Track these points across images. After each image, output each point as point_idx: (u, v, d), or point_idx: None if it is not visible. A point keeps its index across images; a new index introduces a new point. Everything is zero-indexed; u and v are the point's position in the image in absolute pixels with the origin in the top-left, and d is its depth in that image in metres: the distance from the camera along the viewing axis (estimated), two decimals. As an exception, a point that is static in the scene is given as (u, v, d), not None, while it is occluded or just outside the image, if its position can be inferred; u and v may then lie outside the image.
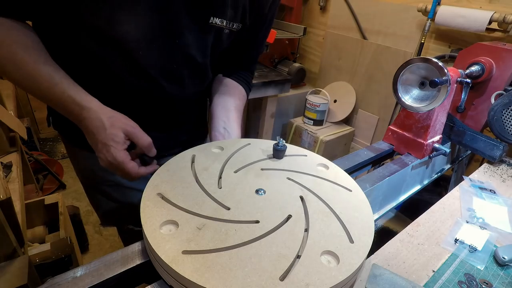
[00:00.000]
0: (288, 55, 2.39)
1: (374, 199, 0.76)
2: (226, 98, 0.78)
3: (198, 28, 0.64)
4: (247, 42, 0.78)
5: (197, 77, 0.72)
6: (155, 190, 0.51)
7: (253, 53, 0.85)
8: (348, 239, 0.46)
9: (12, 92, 1.54)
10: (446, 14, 1.45)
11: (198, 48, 0.66)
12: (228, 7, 0.65)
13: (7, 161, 0.93)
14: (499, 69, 0.92)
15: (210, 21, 0.64)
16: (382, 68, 1.89)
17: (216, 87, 0.81)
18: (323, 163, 0.65)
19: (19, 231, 0.53)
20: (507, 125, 0.88)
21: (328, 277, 0.39)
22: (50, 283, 0.42)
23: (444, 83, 0.71)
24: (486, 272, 0.55)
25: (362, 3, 1.91)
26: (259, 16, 0.73)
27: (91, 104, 0.55)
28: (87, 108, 0.54)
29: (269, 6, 0.73)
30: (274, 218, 0.48)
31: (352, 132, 2.13)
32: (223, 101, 0.77)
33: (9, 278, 0.44)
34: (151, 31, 0.59)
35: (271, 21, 0.78)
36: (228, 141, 0.70)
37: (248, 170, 0.60)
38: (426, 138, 0.84)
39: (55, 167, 2.01)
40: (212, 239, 0.43)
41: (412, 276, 0.53)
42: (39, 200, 1.22)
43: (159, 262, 0.41)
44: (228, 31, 0.68)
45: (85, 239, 1.61)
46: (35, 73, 0.52)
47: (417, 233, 0.64)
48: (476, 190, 0.79)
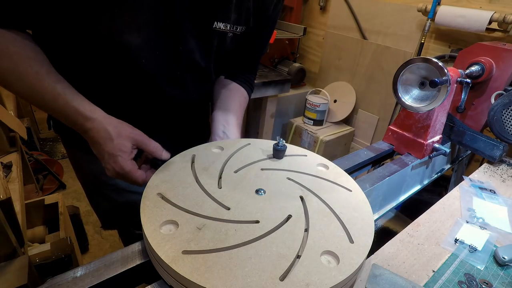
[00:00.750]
0: (288, 55, 2.39)
1: (374, 199, 0.76)
2: (227, 102, 0.78)
3: (202, 34, 0.63)
4: (250, 44, 0.77)
5: (201, 81, 0.72)
6: (155, 190, 0.51)
7: (256, 54, 0.84)
8: (348, 239, 0.46)
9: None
10: (446, 14, 1.45)
11: (202, 53, 0.66)
12: (232, 11, 0.64)
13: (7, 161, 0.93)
14: (499, 69, 0.92)
15: (213, 26, 0.63)
16: (382, 68, 1.89)
17: (217, 90, 0.81)
18: (323, 163, 0.65)
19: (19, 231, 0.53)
20: (507, 125, 0.88)
21: (328, 277, 0.39)
22: (50, 283, 0.42)
23: (444, 83, 0.71)
24: (486, 272, 0.55)
25: (362, 3, 1.91)
26: (263, 18, 0.72)
27: (95, 115, 0.54)
28: (91, 119, 0.54)
29: (273, 7, 0.72)
30: (274, 218, 0.48)
31: (352, 132, 2.13)
32: (223, 105, 0.77)
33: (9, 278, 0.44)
34: (154, 38, 0.58)
35: (274, 22, 0.78)
36: (228, 141, 0.70)
37: (248, 170, 0.60)
38: (426, 138, 0.84)
39: (55, 167, 2.01)
40: (212, 239, 0.43)
41: (412, 276, 0.53)
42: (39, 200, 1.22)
43: (159, 262, 0.41)
44: (231, 34, 0.68)
45: (85, 239, 1.61)
46: (37, 84, 0.52)
47: (417, 233, 0.64)
48: (476, 190, 0.79)
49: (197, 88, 0.72)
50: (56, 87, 0.53)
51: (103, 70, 0.60)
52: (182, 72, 0.66)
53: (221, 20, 0.64)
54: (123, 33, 0.55)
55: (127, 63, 0.59)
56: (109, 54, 0.57)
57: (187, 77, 0.68)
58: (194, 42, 0.63)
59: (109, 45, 0.55)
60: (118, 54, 0.57)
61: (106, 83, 0.62)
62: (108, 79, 0.61)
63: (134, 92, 0.64)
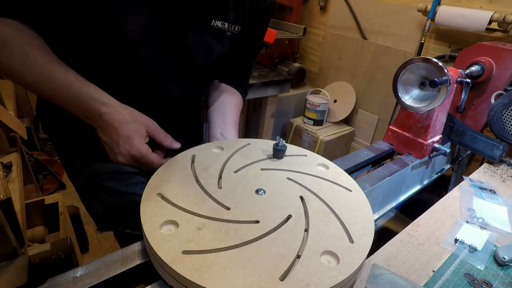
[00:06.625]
0: (288, 55, 2.39)
1: (374, 199, 0.76)
2: (223, 104, 0.79)
3: (200, 30, 0.64)
4: (244, 44, 0.78)
5: (199, 79, 0.72)
6: (155, 190, 0.51)
7: (250, 55, 0.85)
8: (348, 239, 0.46)
9: (12, 92, 1.54)
10: (446, 14, 1.45)
11: (200, 50, 0.66)
12: (230, 10, 0.65)
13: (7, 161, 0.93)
14: (499, 69, 0.92)
15: (211, 24, 0.64)
16: (382, 68, 1.89)
17: (212, 92, 0.82)
18: (323, 163, 0.65)
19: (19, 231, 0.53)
20: (507, 125, 0.88)
21: (328, 277, 0.39)
22: (50, 283, 0.42)
23: (444, 83, 0.71)
24: (486, 272, 0.55)
25: (362, 3, 1.91)
26: (257, 18, 0.73)
27: (110, 101, 0.55)
28: (107, 104, 0.54)
29: (266, 7, 0.74)
30: (274, 218, 0.48)
31: (352, 132, 2.13)
32: (219, 107, 0.78)
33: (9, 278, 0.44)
34: (153, 30, 0.59)
35: (267, 23, 0.79)
36: (228, 141, 0.70)
37: (248, 170, 0.60)
38: (426, 138, 0.84)
39: (55, 167, 2.01)
40: (212, 239, 0.43)
41: (412, 276, 0.53)
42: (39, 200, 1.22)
43: (159, 262, 0.41)
44: (230, 33, 0.69)
45: (85, 239, 1.61)
46: (49, 73, 0.52)
47: (417, 233, 0.64)
48: (476, 190, 0.79)
49: (194, 86, 0.73)
50: (68, 75, 0.53)
51: (103, 62, 0.60)
52: (181, 68, 0.66)
53: (219, 18, 0.65)
54: (126, 24, 0.55)
55: (128, 55, 0.59)
56: (110, 46, 0.58)
57: (186, 73, 0.68)
58: (193, 38, 0.64)
59: (110, 36, 0.56)
60: (119, 46, 0.58)
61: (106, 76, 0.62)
62: (108, 72, 0.61)
63: (134, 87, 0.65)
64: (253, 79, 1.74)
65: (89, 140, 0.63)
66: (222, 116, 0.76)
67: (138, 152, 0.54)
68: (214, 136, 0.74)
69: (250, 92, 1.71)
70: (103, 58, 0.60)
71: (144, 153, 0.55)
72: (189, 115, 0.84)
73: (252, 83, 1.69)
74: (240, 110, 0.84)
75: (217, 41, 0.68)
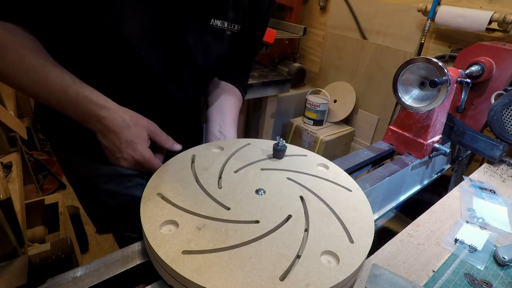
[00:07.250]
0: (288, 55, 2.39)
1: (374, 199, 0.76)
2: (222, 102, 0.78)
3: (199, 30, 0.64)
4: (244, 43, 0.78)
5: (199, 80, 0.72)
6: (155, 190, 0.51)
7: (249, 54, 0.85)
8: (348, 239, 0.46)
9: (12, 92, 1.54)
10: (446, 14, 1.45)
11: (199, 50, 0.66)
12: (229, 9, 0.65)
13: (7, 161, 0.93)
14: (499, 69, 0.92)
15: (210, 23, 0.64)
16: (382, 68, 1.89)
17: (212, 91, 0.82)
18: (323, 163, 0.65)
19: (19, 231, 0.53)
20: (507, 125, 0.88)
21: (328, 277, 0.39)
22: (50, 283, 0.42)
23: (444, 83, 0.71)
24: (486, 272, 0.55)
25: (362, 3, 1.91)
26: (257, 17, 0.73)
27: (108, 104, 0.54)
28: (106, 107, 0.53)
29: (266, 6, 0.73)
30: (274, 218, 0.48)
31: (352, 132, 2.13)
32: (218, 105, 0.78)
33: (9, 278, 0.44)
34: (153, 29, 0.59)
35: (266, 23, 0.79)
36: (228, 141, 0.70)
37: (248, 170, 0.60)
38: (426, 138, 0.84)
39: (55, 167, 2.01)
40: (212, 239, 0.43)
41: (412, 276, 0.53)
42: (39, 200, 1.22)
43: (159, 262, 0.41)
44: (230, 33, 0.68)
45: (85, 239, 1.61)
46: (45, 76, 0.51)
47: (417, 233, 0.64)
48: (476, 190, 0.79)
49: (194, 86, 0.72)
50: (65, 78, 0.52)
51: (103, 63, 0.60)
52: (180, 68, 0.66)
53: (218, 17, 0.64)
54: (125, 24, 0.55)
55: (127, 56, 0.59)
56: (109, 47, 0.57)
57: (185, 73, 0.68)
58: (192, 38, 0.63)
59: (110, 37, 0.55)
60: (118, 46, 0.57)
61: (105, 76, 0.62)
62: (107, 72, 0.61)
63: (133, 87, 0.64)
64: (253, 79, 1.74)
65: (87, 142, 0.62)
66: (221, 114, 0.76)
67: (141, 157, 0.54)
68: (212, 134, 0.73)
69: (250, 92, 1.70)
70: (102, 59, 0.59)
71: (147, 157, 0.55)
72: (188, 115, 0.84)
73: (252, 83, 1.69)
74: (240, 109, 0.84)
75: (216, 41, 0.68)
